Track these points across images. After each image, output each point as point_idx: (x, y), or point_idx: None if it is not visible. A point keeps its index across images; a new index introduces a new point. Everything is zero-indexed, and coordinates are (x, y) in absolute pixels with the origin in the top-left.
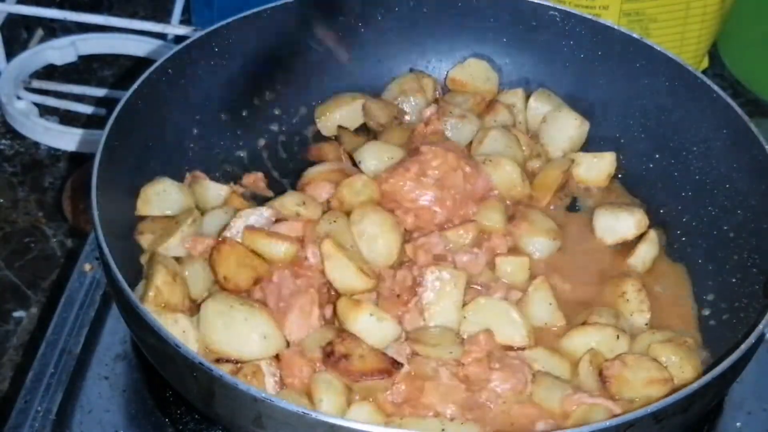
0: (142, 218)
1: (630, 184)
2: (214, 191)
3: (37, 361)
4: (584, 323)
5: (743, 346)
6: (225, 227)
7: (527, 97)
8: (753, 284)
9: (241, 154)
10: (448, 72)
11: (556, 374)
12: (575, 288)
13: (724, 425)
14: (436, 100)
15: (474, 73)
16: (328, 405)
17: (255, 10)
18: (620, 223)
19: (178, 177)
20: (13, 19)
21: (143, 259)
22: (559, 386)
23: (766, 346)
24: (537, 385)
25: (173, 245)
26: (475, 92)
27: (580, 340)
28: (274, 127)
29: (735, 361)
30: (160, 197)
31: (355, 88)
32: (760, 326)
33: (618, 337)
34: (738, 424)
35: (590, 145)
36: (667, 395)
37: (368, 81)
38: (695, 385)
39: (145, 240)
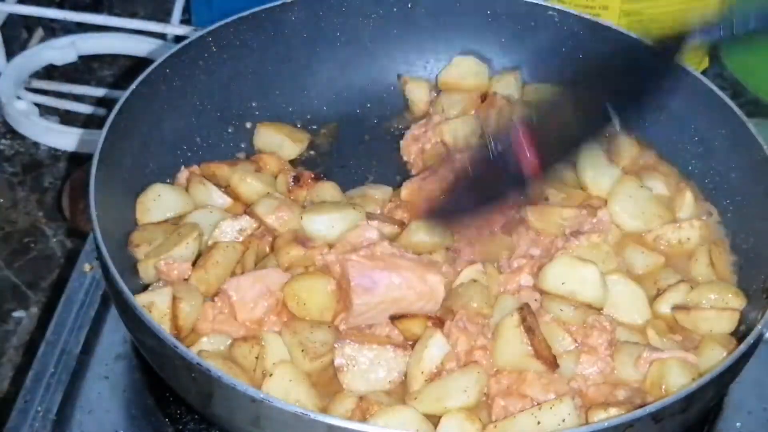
0: (134, 229)
1: None
2: (207, 193)
3: (37, 361)
4: (659, 291)
5: (742, 346)
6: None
7: (522, 86)
8: (752, 284)
9: (240, 156)
10: (437, 76)
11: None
12: None
13: (724, 425)
14: (430, 102)
15: (463, 71)
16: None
17: (255, 10)
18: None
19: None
20: (13, 19)
21: (141, 268)
22: (632, 349)
23: (765, 346)
24: (615, 354)
25: (177, 255)
26: (468, 89)
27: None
28: None
29: (734, 361)
30: (158, 202)
31: (353, 87)
32: (759, 326)
33: (692, 288)
34: (738, 424)
35: None
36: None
37: (366, 80)
38: (694, 386)
39: (140, 251)
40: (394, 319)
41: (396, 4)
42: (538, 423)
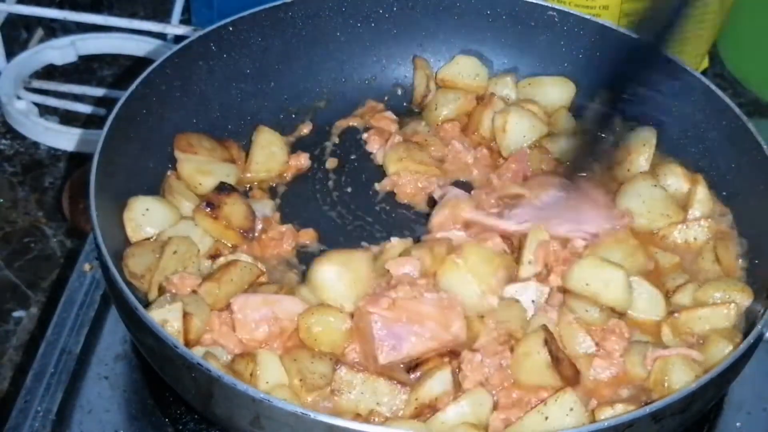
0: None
1: None
2: (186, 207)
3: (37, 361)
4: (668, 291)
5: (742, 347)
6: None
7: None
8: (752, 284)
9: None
10: (436, 72)
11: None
12: None
13: (724, 425)
14: (424, 97)
15: (463, 70)
16: None
17: (255, 10)
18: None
19: None
20: (13, 19)
21: (150, 295)
22: (641, 348)
23: (765, 346)
24: (627, 352)
25: (188, 272)
26: (465, 89)
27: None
28: (274, 129)
29: (734, 361)
30: (147, 217)
31: (352, 86)
32: (759, 326)
33: (699, 287)
34: (738, 424)
35: None
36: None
37: (367, 79)
38: (693, 386)
39: (146, 281)
40: (410, 369)
41: (396, 4)
42: (546, 419)
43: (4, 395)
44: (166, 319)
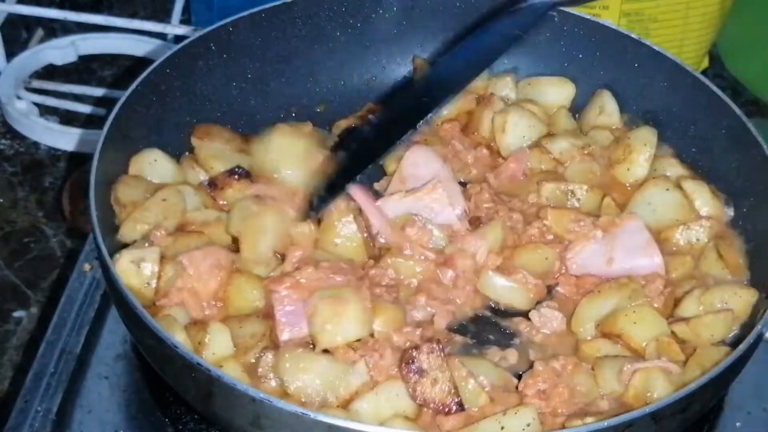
0: (116, 180)
1: None
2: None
3: (37, 361)
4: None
5: (742, 346)
6: None
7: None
8: (753, 284)
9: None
10: None
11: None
12: None
13: (723, 425)
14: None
15: None
16: None
17: (254, 10)
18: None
19: None
20: (13, 19)
21: (125, 229)
22: (613, 363)
23: (764, 346)
24: (599, 367)
25: (167, 225)
26: (465, 90)
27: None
28: None
29: (734, 361)
30: (153, 167)
31: (352, 87)
32: (759, 326)
33: (705, 290)
34: (738, 424)
35: None
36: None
37: (367, 79)
38: (693, 385)
39: (124, 195)
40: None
41: (396, 4)
42: (502, 428)
43: (4, 395)
44: (143, 257)
